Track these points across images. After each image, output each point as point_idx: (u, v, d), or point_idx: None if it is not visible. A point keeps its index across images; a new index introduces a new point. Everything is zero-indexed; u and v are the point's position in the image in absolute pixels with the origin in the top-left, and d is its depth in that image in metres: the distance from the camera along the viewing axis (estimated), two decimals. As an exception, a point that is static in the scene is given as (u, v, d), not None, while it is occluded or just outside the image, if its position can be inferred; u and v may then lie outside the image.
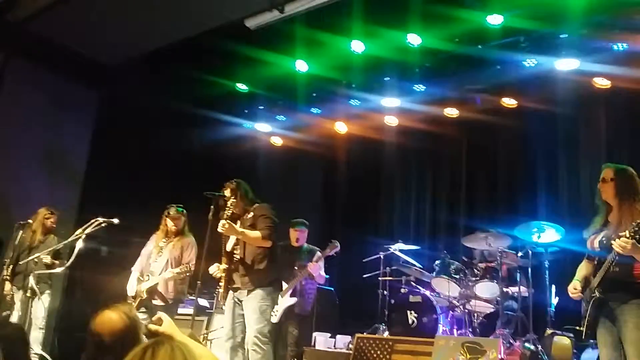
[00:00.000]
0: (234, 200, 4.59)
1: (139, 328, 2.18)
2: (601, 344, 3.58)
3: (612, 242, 3.42)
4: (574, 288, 3.72)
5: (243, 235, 4.51)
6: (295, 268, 6.05)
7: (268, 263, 4.61)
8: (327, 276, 6.24)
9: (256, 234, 4.51)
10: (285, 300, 5.83)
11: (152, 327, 2.17)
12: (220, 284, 4.64)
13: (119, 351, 2.04)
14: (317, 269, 5.96)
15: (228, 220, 4.44)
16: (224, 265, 4.61)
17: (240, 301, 4.58)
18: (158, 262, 5.35)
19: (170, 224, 5.44)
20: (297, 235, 6.17)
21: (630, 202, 3.50)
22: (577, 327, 3.69)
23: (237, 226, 4.52)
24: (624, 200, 3.58)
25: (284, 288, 5.81)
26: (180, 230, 5.45)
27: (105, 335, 2.11)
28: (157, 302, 5.21)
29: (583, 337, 3.60)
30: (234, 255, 4.63)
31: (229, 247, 4.64)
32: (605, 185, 3.69)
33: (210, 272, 4.68)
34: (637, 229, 3.35)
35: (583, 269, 3.81)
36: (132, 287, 5.37)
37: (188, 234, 5.49)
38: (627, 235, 3.33)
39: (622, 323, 3.44)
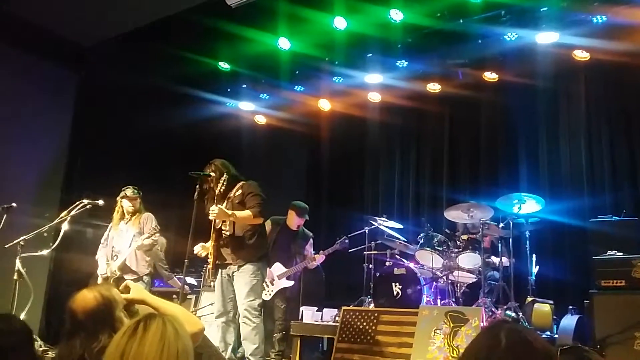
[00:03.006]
0: (222, 179, 4.63)
1: (114, 307, 2.24)
2: None
3: None
4: None
5: (234, 217, 4.54)
6: (292, 250, 6.19)
7: (257, 239, 4.67)
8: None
9: (247, 213, 4.55)
10: (282, 282, 5.96)
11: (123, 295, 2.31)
12: (208, 260, 4.69)
13: (91, 327, 2.15)
14: (321, 259, 6.24)
15: (218, 205, 4.48)
16: (212, 242, 4.65)
17: (231, 276, 4.63)
18: (122, 242, 5.48)
19: (127, 204, 5.61)
20: (299, 223, 6.30)
21: None
22: None
23: (224, 206, 4.55)
24: None
25: (279, 269, 5.97)
26: (137, 210, 5.64)
27: (79, 313, 2.18)
28: (129, 276, 5.30)
29: None
30: (223, 232, 4.67)
31: (217, 224, 4.68)
32: None
33: (195, 252, 4.72)
34: None
35: None
36: (102, 267, 5.52)
37: (144, 211, 5.68)
38: None
39: None
